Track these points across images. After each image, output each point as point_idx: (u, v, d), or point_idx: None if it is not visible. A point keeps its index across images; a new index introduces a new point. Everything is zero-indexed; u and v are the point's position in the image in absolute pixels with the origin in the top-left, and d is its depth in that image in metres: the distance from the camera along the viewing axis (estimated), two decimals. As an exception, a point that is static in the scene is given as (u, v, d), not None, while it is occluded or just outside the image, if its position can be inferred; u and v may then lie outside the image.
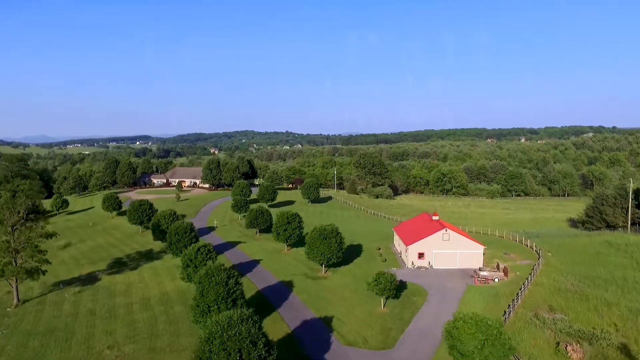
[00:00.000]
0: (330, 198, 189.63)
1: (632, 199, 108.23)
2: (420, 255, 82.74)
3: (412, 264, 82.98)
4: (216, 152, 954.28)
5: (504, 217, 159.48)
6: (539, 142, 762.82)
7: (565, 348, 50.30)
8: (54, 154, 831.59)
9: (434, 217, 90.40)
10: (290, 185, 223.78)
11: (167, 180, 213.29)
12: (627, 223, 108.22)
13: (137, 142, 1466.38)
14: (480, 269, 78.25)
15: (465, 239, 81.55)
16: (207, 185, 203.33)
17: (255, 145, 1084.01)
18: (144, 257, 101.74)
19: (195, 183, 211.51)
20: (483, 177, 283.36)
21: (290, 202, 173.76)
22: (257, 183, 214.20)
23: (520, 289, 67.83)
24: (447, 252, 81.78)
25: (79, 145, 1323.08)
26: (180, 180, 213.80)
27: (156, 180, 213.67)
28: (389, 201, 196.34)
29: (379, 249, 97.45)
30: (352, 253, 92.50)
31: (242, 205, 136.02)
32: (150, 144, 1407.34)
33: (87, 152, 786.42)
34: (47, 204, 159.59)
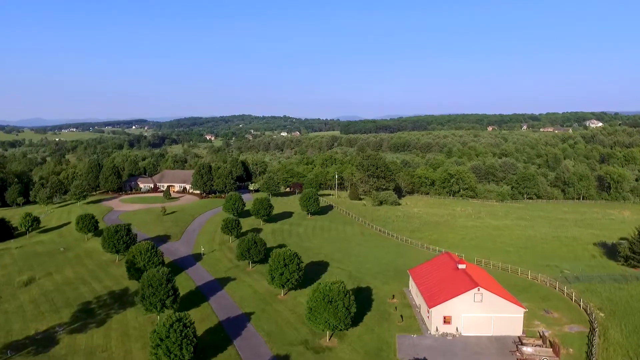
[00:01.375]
0: (331, 208, 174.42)
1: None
2: (446, 319, 67.81)
3: (436, 329, 68.08)
4: (212, 138, 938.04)
5: (522, 234, 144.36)
6: (541, 130, 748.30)
7: None
8: (46, 141, 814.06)
9: (460, 266, 75.23)
10: (287, 189, 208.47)
11: (155, 185, 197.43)
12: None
13: (134, 127, 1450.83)
14: (521, 341, 63.51)
15: (503, 301, 66.51)
16: (197, 192, 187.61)
17: (252, 131, 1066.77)
18: (116, 302, 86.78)
19: (185, 188, 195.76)
20: (492, 176, 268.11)
21: (288, 214, 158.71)
22: (251, 189, 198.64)
23: (580, 384, 53.08)
24: (479, 316, 66.91)
25: (74, 129, 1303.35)
26: (169, 185, 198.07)
27: (143, 184, 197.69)
28: (394, 210, 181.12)
29: (393, 297, 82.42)
30: (361, 304, 77.01)
31: (233, 227, 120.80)
32: (146, 128, 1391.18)
33: (80, 140, 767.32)
34: (18, 216, 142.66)
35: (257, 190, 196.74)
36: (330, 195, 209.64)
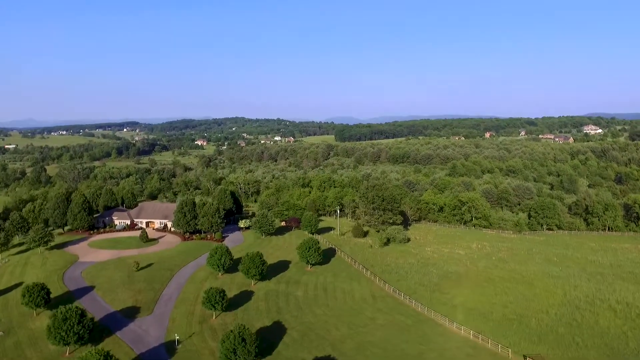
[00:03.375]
0: (333, 253, 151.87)
1: None
2: None
3: None
4: (204, 144, 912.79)
5: (562, 294, 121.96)
6: (541, 137, 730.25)
7: None
8: (32, 147, 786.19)
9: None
10: (283, 223, 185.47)
11: (132, 221, 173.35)
12: None
13: (125, 129, 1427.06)
14: None
15: None
16: (180, 231, 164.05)
17: (245, 136, 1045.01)
18: None
19: (166, 225, 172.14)
20: (505, 201, 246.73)
21: (285, 266, 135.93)
22: (242, 226, 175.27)
23: None
24: None
25: (64, 132, 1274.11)
26: (148, 220, 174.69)
27: (119, 221, 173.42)
28: (405, 253, 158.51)
29: None
30: None
31: (217, 300, 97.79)
32: (137, 130, 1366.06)
33: (67, 146, 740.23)
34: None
35: (248, 228, 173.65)
36: (331, 230, 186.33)
